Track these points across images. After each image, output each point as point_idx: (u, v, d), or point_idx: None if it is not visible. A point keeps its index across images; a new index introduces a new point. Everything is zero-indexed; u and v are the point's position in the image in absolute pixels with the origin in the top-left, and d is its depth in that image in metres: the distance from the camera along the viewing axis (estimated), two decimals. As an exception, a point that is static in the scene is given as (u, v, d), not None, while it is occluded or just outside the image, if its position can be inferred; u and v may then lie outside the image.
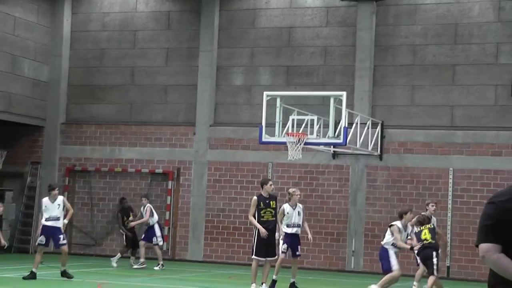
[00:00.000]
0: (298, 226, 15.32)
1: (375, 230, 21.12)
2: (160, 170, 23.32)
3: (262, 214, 14.59)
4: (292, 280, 15.43)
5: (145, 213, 19.84)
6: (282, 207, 15.24)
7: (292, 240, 15.25)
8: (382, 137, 21.38)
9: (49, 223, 16.08)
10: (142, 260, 19.61)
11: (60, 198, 16.53)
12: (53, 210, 16.18)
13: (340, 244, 21.58)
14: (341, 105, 17.72)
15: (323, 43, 22.57)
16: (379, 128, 21.18)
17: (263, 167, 22.37)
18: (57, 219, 16.15)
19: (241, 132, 22.73)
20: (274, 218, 14.75)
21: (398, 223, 14.18)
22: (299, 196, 15.61)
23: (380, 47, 22.05)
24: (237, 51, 23.27)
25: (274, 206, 14.81)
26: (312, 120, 17.93)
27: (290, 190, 15.55)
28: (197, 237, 22.76)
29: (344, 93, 17.92)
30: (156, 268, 19.27)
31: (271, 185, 15.05)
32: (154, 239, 19.80)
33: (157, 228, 19.95)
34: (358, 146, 19.63)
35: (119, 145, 23.82)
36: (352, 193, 21.65)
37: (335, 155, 21.80)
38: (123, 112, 24.14)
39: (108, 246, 23.45)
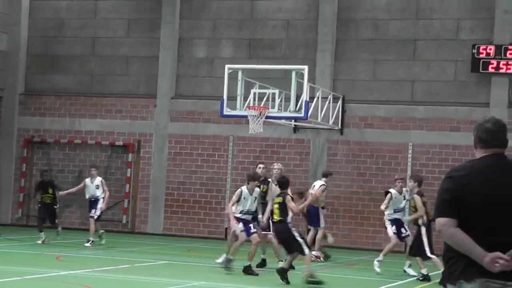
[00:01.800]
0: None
1: (335, 204, 21.22)
2: (121, 143, 23.15)
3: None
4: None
5: (103, 186, 18.58)
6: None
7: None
8: (343, 111, 21.44)
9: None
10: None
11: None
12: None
13: (300, 218, 21.65)
14: (303, 79, 17.71)
15: (285, 16, 22.49)
16: (340, 102, 21.22)
17: (224, 140, 22.32)
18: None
19: (202, 105, 22.63)
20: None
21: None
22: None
23: (342, 21, 22.03)
24: (199, 23, 23.10)
25: (264, 190, 14.92)
26: (274, 94, 17.91)
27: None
28: (157, 210, 22.68)
29: (305, 67, 17.91)
30: (86, 244, 17.99)
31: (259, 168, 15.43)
32: (93, 211, 18.42)
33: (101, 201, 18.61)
34: (319, 120, 19.66)
35: (79, 117, 23.58)
36: (312, 167, 21.71)
37: (296, 129, 21.82)
38: (83, 83, 23.88)
39: (67, 218, 23.23)
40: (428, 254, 13.75)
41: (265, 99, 17.90)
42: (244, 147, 22.18)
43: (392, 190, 15.46)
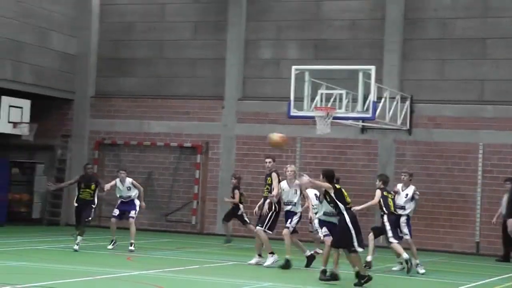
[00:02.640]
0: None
1: (403, 204, 21.03)
2: (189, 144, 23.41)
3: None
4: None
5: (135, 186, 17.54)
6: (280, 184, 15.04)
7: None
8: (411, 111, 21.26)
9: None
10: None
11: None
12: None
13: (368, 219, 21.54)
14: (370, 79, 17.63)
15: (351, 16, 22.42)
16: (408, 102, 21.08)
17: (291, 142, 22.33)
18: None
19: (269, 106, 22.72)
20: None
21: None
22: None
23: (409, 21, 21.86)
24: (265, 24, 23.20)
25: (269, 182, 15.17)
26: (341, 95, 17.88)
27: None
28: (225, 211, 22.79)
29: (373, 67, 17.82)
30: (109, 247, 17.02)
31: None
32: (133, 212, 17.39)
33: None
34: (387, 120, 19.55)
35: (148, 119, 23.93)
36: (380, 168, 21.58)
37: (363, 129, 21.73)
38: (151, 86, 24.23)
39: (138, 219, 23.52)
40: (390, 239, 15.00)
41: (332, 99, 17.89)
42: (311, 148, 22.19)
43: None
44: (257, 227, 15.16)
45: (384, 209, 15.24)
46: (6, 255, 15.21)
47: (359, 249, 12.79)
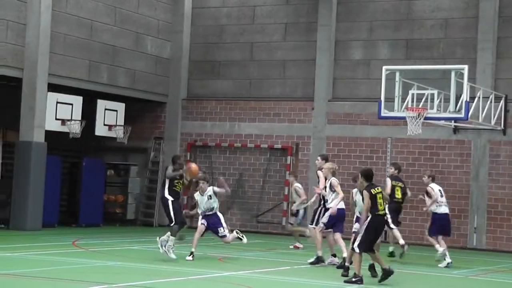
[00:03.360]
0: None
1: (498, 207, 20.66)
2: (279, 145, 23.50)
3: None
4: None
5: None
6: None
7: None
8: (506, 111, 20.79)
9: None
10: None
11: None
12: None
13: (462, 221, 21.19)
14: (463, 78, 17.33)
15: (443, 15, 22.09)
16: (502, 102, 20.62)
17: (382, 142, 22.19)
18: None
19: (360, 107, 22.60)
20: None
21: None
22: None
23: (504, 18, 21.39)
24: (356, 25, 23.09)
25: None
26: (432, 95, 17.64)
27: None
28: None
29: (465, 67, 17.50)
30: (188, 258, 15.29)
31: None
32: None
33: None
34: (480, 120, 19.18)
35: (239, 121, 24.14)
36: (474, 168, 21.19)
37: (456, 130, 21.38)
38: (242, 88, 24.44)
39: (228, 220, 23.80)
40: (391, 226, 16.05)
41: (423, 100, 17.66)
42: (403, 149, 21.97)
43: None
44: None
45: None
46: (102, 255, 15.61)
47: (356, 250, 12.64)
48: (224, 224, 15.48)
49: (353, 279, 12.57)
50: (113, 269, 13.62)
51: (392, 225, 16.03)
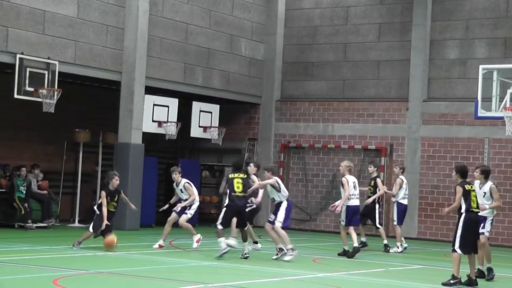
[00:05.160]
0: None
1: None
2: (373, 146, 23.36)
3: None
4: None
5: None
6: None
7: None
8: None
9: None
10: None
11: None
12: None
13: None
14: None
15: (543, 12, 21.53)
16: None
17: (479, 143, 21.79)
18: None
19: (456, 107, 22.25)
20: None
21: None
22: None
23: None
24: (451, 24, 22.74)
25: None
26: (531, 94, 17.23)
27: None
28: (411, 214, 22.56)
29: None
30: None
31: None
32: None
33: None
34: None
35: (332, 122, 24.12)
36: None
37: (557, 130, 20.76)
38: (336, 89, 24.40)
39: (322, 221, 23.86)
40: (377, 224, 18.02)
41: (522, 99, 17.29)
42: (501, 150, 21.51)
43: None
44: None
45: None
46: (199, 255, 15.87)
47: (458, 251, 12.32)
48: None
49: (451, 281, 12.40)
50: (209, 268, 13.83)
51: (378, 225, 18.12)
